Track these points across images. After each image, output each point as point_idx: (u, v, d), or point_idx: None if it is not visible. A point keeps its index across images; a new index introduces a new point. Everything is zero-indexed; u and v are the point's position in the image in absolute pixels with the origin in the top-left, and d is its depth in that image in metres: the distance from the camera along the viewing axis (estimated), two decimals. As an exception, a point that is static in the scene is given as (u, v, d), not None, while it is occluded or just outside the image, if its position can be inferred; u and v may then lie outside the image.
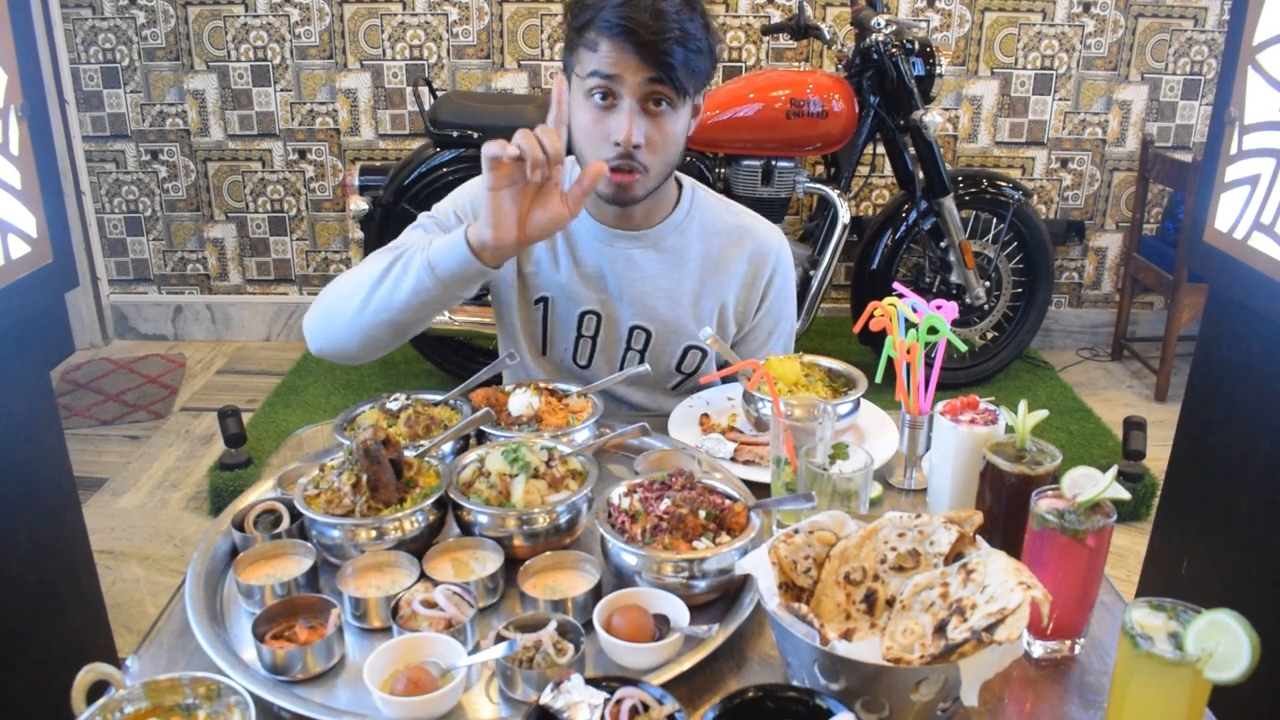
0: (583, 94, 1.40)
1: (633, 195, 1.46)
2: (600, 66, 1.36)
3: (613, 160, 1.40)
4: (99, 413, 3.54)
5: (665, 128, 1.41)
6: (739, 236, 1.62)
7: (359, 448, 1.14)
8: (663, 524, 1.09)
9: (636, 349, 1.62)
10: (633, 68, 1.35)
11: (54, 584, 1.75)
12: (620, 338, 1.61)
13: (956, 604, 0.89)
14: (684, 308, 1.60)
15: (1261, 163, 1.57)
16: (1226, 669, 0.80)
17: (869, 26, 3.23)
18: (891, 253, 3.48)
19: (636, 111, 1.38)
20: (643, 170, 1.43)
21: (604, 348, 1.62)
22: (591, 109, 1.40)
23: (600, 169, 1.29)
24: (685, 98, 1.41)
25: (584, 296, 1.58)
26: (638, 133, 1.38)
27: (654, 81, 1.36)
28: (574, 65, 1.41)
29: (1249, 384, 1.68)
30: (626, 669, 0.99)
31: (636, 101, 1.37)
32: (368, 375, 3.69)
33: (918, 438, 1.36)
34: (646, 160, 1.42)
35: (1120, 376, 3.94)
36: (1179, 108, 3.96)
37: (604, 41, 1.35)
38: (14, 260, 1.56)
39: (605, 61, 1.36)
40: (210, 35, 3.87)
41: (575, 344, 1.62)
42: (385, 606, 1.05)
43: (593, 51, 1.37)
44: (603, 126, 1.40)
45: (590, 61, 1.37)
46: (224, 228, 4.15)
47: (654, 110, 1.39)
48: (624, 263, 1.57)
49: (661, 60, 1.34)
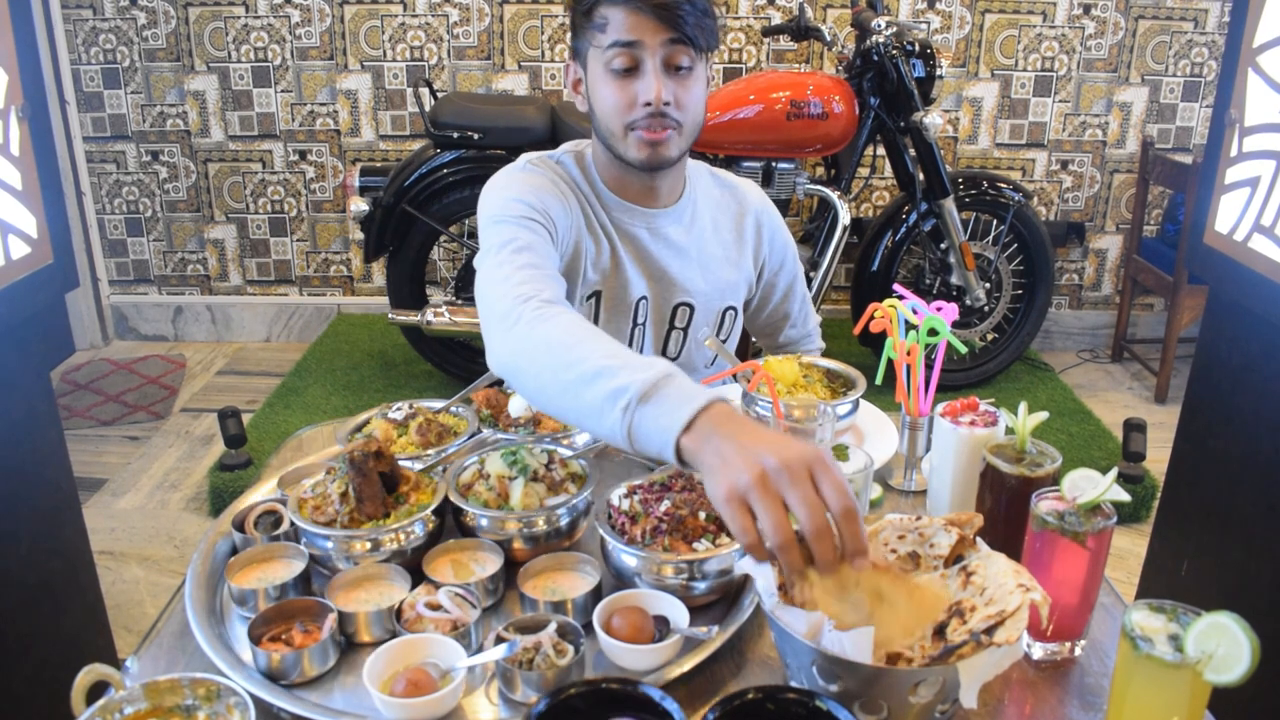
0: (603, 68, 1.41)
1: (668, 155, 1.45)
2: (619, 35, 1.38)
3: (642, 122, 1.41)
4: (99, 413, 3.54)
5: (690, 87, 1.42)
6: (729, 196, 1.67)
7: (346, 459, 1.14)
8: (663, 525, 1.09)
9: (680, 327, 1.62)
10: (651, 29, 1.37)
11: (54, 584, 1.75)
12: (664, 318, 1.62)
13: (956, 606, 0.89)
14: (716, 274, 1.62)
15: (1262, 165, 1.57)
16: (1226, 671, 0.80)
17: (869, 28, 3.23)
18: (892, 254, 3.48)
19: (661, 71, 1.39)
20: (676, 127, 1.43)
21: (651, 331, 1.62)
22: (614, 80, 1.41)
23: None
24: (703, 56, 1.43)
25: (635, 283, 1.57)
26: (667, 90, 1.39)
27: (674, 42, 1.38)
28: (588, 46, 1.43)
29: (1249, 386, 1.68)
30: (626, 670, 0.99)
31: (660, 63, 1.39)
32: (367, 376, 3.69)
33: (918, 439, 1.36)
34: (679, 117, 1.42)
35: (1120, 378, 3.94)
36: (1179, 110, 3.96)
37: (616, 11, 1.37)
38: (14, 261, 1.56)
39: (623, 28, 1.37)
40: (211, 36, 3.87)
41: (630, 334, 1.60)
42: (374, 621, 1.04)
43: (606, 25, 1.39)
44: (628, 93, 1.40)
45: (607, 34, 1.39)
46: (224, 228, 4.15)
47: (677, 71, 1.41)
48: (662, 242, 1.57)
49: (678, 20, 1.36)
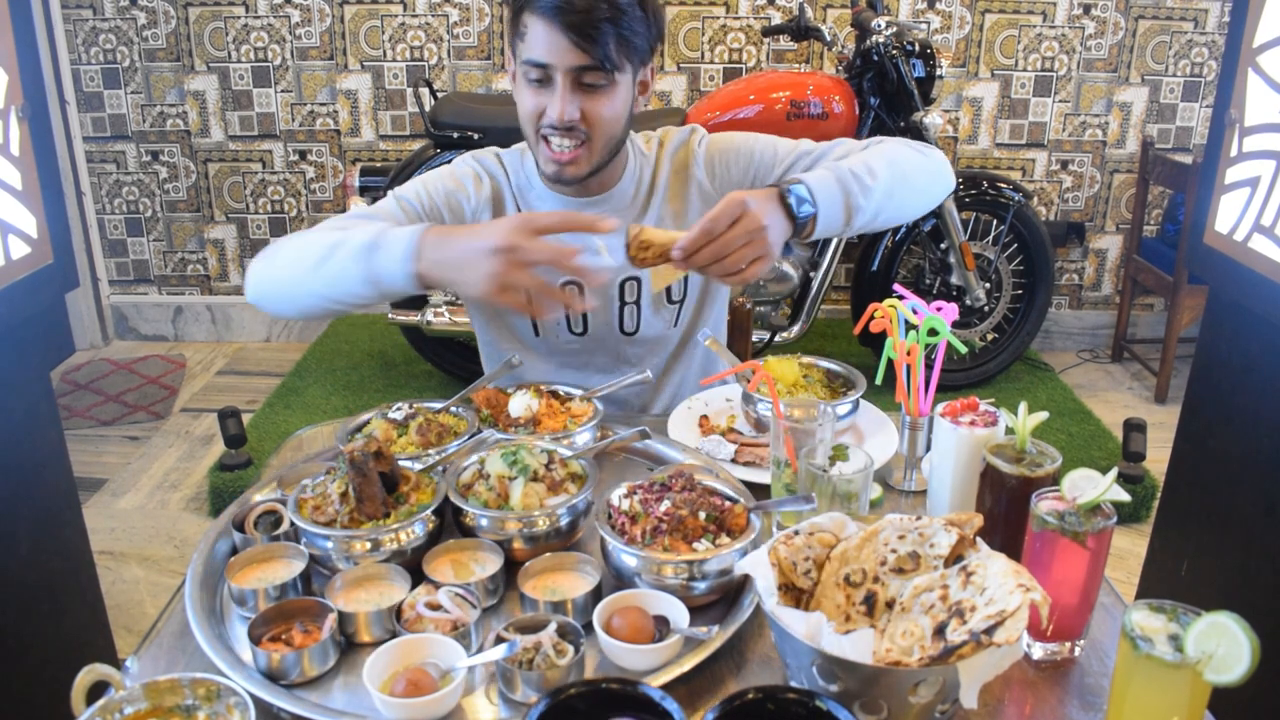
0: (520, 78, 1.42)
1: (576, 173, 1.46)
2: (532, 53, 1.37)
3: (550, 132, 1.42)
4: (99, 413, 3.54)
5: (603, 101, 1.41)
6: (665, 149, 1.60)
7: (346, 459, 1.13)
8: (663, 525, 1.09)
9: (631, 301, 1.60)
10: (563, 51, 1.35)
11: (54, 584, 1.75)
12: (614, 295, 1.59)
13: (956, 606, 0.89)
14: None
15: (1261, 165, 1.57)
16: (1226, 671, 0.80)
17: (869, 28, 3.23)
18: (891, 254, 3.48)
19: (568, 90, 1.38)
20: (585, 141, 1.42)
21: (597, 311, 1.60)
22: (529, 87, 1.41)
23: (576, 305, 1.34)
24: (621, 74, 1.41)
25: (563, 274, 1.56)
26: (572, 109, 1.38)
27: (585, 68, 1.36)
28: (513, 49, 1.43)
29: (1249, 386, 1.68)
30: (626, 670, 0.99)
31: (570, 82, 1.38)
32: (368, 376, 3.69)
33: (918, 439, 1.36)
34: (587, 131, 1.42)
35: (1120, 378, 3.94)
36: (1179, 110, 3.96)
37: (535, 23, 1.36)
38: (14, 261, 1.56)
39: (538, 46, 1.36)
40: (211, 36, 3.87)
41: (567, 317, 1.60)
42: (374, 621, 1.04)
43: (525, 35, 1.38)
44: (539, 102, 1.41)
45: (526, 45, 1.38)
46: (224, 228, 4.15)
47: (588, 87, 1.39)
48: None
49: (592, 43, 1.34)
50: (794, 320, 3.45)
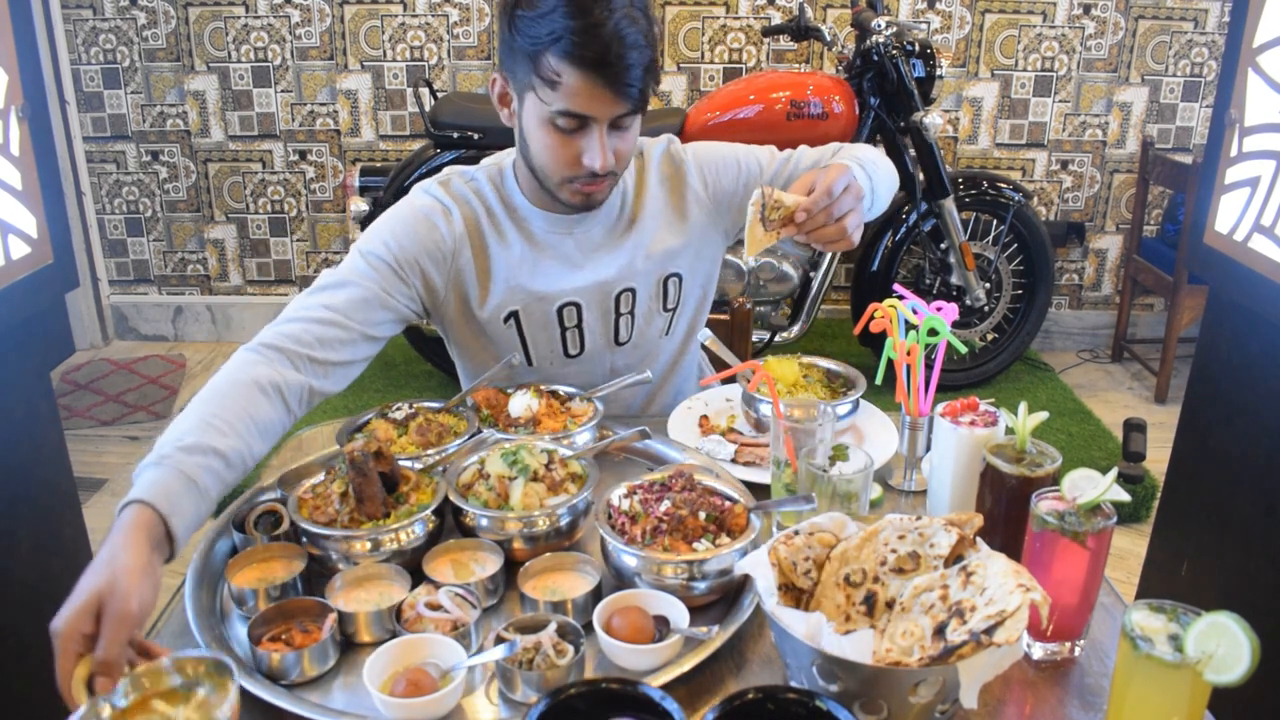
0: (545, 118, 1.35)
1: (601, 199, 1.47)
2: (570, 104, 1.31)
3: (583, 178, 1.39)
4: (99, 413, 3.54)
5: (629, 139, 1.40)
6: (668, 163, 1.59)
7: (346, 459, 1.13)
8: (663, 525, 1.09)
9: (626, 312, 1.58)
10: (604, 102, 1.31)
11: (54, 584, 1.75)
12: (609, 309, 1.58)
13: (956, 606, 0.89)
14: (655, 248, 1.56)
15: (1262, 165, 1.57)
16: (1226, 671, 0.80)
17: (869, 28, 3.23)
18: (891, 254, 3.48)
19: (608, 136, 1.36)
20: (613, 177, 1.43)
21: (593, 328, 1.58)
22: (556, 134, 1.35)
23: None
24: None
25: (555, 291, 1.54)
26: (610, 156, 1.36)
27: (625, 115, 1.35)
28: (528, 87, 1.34)
29: (1249, 386, 1.68)
30: (626, 670, 0.99)
31: (607, 128, 1.35)
32: (368, 376, 3.67)
33: (918, 439, 1.36)
34: (617, 169, 1.41)
35: (1120, 378, 3.94)
36: (1179, 110, 3.96)
37: (571, 74, 1.28)
38: (14, 261, 1.56)
39: (575, 97, 1.30)
40: (211, 36, 3.87)
41: (562, 339, 1.58)
42: (374, 621, 1.04)
43: (555, 81, 1.30)
44: (570, 150, 1.36)
45: (557, 94, 1.31)
46: (224, 229, 4.15)
47: (620, 128, 1.38)
48: (590, 244, 1.54)
49: (629, 89, 1.31)
50: (794, 320, 3.45)
